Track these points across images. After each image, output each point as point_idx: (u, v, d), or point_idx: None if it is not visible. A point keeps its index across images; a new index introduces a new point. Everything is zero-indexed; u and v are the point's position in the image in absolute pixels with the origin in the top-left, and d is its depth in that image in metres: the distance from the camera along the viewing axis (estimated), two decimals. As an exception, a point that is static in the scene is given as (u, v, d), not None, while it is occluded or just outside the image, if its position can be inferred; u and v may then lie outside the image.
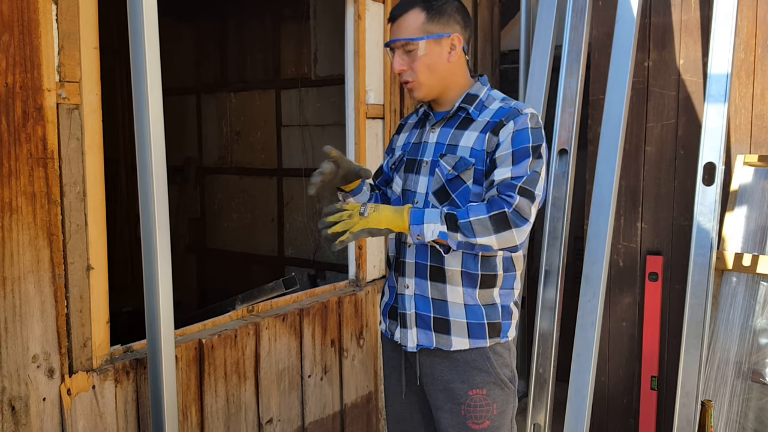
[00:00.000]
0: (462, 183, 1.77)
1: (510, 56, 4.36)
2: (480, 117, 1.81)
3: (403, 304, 1.88)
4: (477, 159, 1.76)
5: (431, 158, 1.84)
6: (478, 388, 1.81)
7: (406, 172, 1.91)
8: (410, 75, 1.81)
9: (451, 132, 1.83)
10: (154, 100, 1.77)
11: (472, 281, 1.79)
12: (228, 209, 4.93)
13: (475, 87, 1.87)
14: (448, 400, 1.84)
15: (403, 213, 1.70)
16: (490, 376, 1.82)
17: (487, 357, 1.81)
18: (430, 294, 1.83)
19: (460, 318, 1.80)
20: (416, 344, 1.85)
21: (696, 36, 3.14)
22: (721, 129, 2.85)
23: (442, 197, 1.80)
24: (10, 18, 1.61)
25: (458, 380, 1.82)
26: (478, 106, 1.83)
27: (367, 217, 1.69)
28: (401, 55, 1.80)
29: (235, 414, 2.31)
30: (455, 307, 1.80)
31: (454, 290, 1.80)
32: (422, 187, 1.85)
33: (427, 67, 1.79)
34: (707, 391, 2.92)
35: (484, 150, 1.76)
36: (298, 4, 4.24)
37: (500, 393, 1.83)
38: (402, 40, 1.78)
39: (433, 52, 1.79)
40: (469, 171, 1.76)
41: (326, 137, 4.27)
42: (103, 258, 1.85)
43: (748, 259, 2.87)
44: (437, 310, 1.82)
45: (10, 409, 1.66)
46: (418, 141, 1.92)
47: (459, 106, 1.84)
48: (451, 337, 1.81)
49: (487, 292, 1.81)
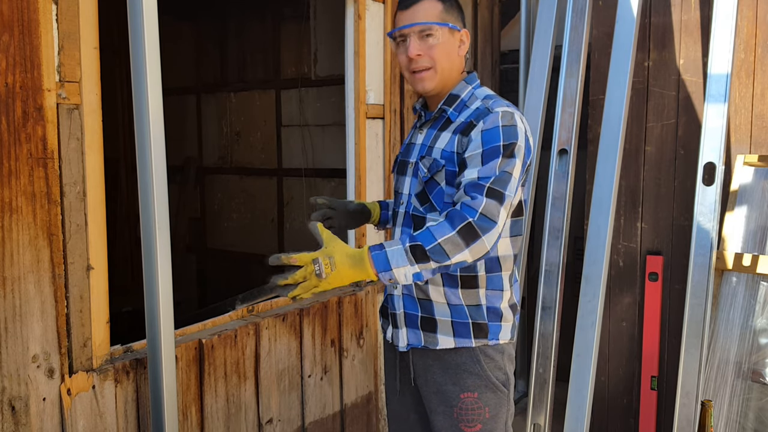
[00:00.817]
0: (436, 184, 1.76)
1: (510, 56, 4.36)
2: (459, 118, 1.78)
3: (393, 304, 1.89)
4: (447, 160, 1.74)
5: (415, 159, 1.85)
6: (470, 391, 1.79)
7: (398, 174, 1.93)
8: (427, 61, 1.75)
9: (433, 133, 1.83)
10: (154, 100, 1.77)
11: (452, 281, 1.78)
12: (228, 209, 4.93)
13: (458, 87, 1.83)
14: (441, 403, 1.83)
15: (364, 262, 1.56)
16: (481, 379, 1.80)
17: (477, 360, 1.80)
18: (416, 294, 1.83)
19: (446, 317, 1.80)
20: (406, 343, 1.87)
21: (696, 36, 3.14)
22: (721, 129, 2.85)
23: (423, 199, 1.80)
24: (10, 18, 1.61)
25: (450, 383, 1.81)
26: (458, 107, 1.81)
27: (326, 279, 1.54)
28: (417, 40, 1.74)
29: (235, 414, 2.31)
30: (440, 306, 1.80)
31: (436, 290, 1.80)
32: (407, 188, 1.86)
33: (446, 55, 1.77)
34: (707, 391, 2.92)
35: (454, 151, 1.73)
36: (298, 4, 4.24)
37: (492, 396, 1.81)
38: (423, 24, 1.73)
39: (449, 41, 1.77)
40: (440, 172, 1.75)
41: (326, 137, 4.27)
42: (103, 258, 1.85)
43: (748, 259, 2.87)
44: (424, 310, 1.82)
45: (10, 409, 1.66)
46: (410, 142, 1.93)
47: (440, 107, 1.82)
48: (438, 336, 1.81)
49: (472, 292, 1.79)
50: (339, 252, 1.57)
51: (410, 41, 1.75)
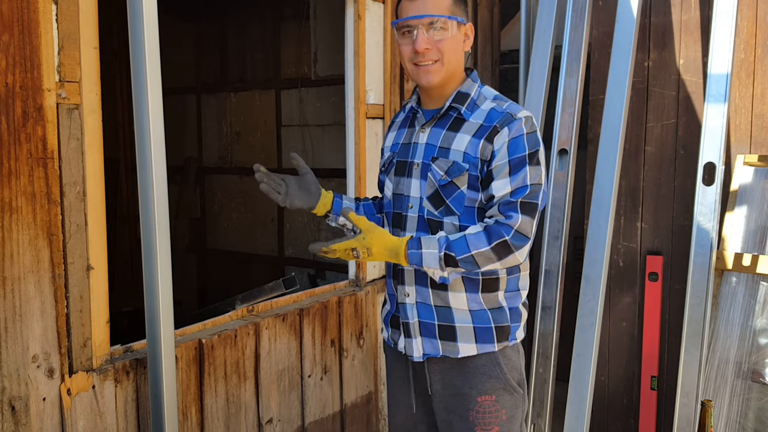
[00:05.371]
0: (456, 188, 1.71)
1: (510, 56, 4.37)
2: (472, 118, 1.73)
3: (405, 313, 1.81)
4: (470, 165, 1.69)
5: (422, 160, 1.76)
6: (487, 394, 1.76)
7: (397, 175, 1.83)
8: (435, 54, 1.69)
9: (442, 133, 1.75)
10: (154, 100, 1.77)
11: (474, 285, 1.74)
12: (228, 209, 4.93)
13: (466, 85, 1.78)
14: (458, 405, 1.79)
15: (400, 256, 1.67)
16: (500, 382, 1.77)
17: (497, 362, 1.77)
18: (432, 302, 1.77)
19: (466, 323, 1.75)
20: (422, 353, 1.80)
21: (696, 36, 3.14)
22: (721, 129, 2.85)
23: (437, 202, 1.74)
24: (10, 18, 1.61)
25: (467, 386, 1.78)
26: (469, 105, 1.75)
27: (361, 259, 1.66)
28: (426, 32, 1.68)
29: (235, 414, 2.31)
30: (460, 313, 1.75)
31: (457, 296, 1.75)
32: (415, 191, 1.78)
33: (454, 49, 1.71)
34: (707, 391, 2.92)
35: (478, 157, 1.69)
36: (298, 4, 4.24)
37: (509, 398, 1.79)
38: (434, 16, 1.66)
39: (457, 35, 1.71)
40: (463, 176, 1.70)
41: (326, 137, 4.27)
42: (103, 258, 1.85)
43: (748, 259, 2.87)
44: (441, 317, 1.76)
45: (10, 409, 1.66)
46: (407, 141, 1.83)
47: (450, 105, 1.76)
48: (458, 344, 1.76)
49: (492, 295, 1.76)
50: (377, 244, 1.66)
51: (418, 33, 1.68)
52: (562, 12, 3.32)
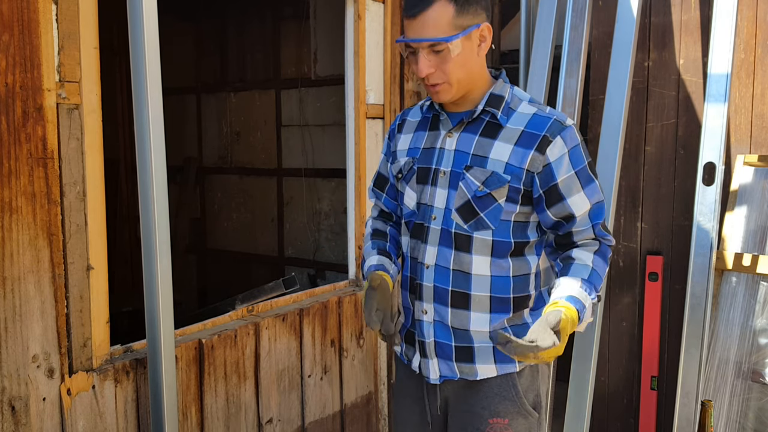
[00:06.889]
0: (493, 201, 1.57)
1: (510, 56, 4.37)
2: (509, 123, 1.59)
3: (422, 331, 1.69)
4: (513, 176, 1.56)
5: (450, 168, 1.61)
6: (500, 417, 1.66)
7: (420, 183, 1.67)
8: (440, 77, 1.56)
9: (475, 139, 1.61)
10: (154, 100, 1.77)
11: (504, 306, 1.63)
12: (228, 209, 4.93)
13: (498, 86, 1.63)
14: (469, 424, 1.69)
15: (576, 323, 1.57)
16: (514, 405, 1.67)
17: (513, 383, 1.67)
18: (450, 322, 1.65)
19: (485, 343, 1.64)
20: (439, 375, 1.69)
21: (696, 36, 3.14)
22: (721, 129, 2.85)
23: (468, 215, 1.60)
24: (10, 18, 1.61)
25: (479, 405, 1.68)
26: (504, 109, 1.61)
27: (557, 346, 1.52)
28: (427, 55, 1.54)
29: (235, 414, 2.31)
30: (478, 334, 1.64)
31: (479, 318, 1.63)
32: (440, 201, 1.63)
33: (461, 66, 1.56)
34: (707, 391, 2.91)
35: (524, 168, 1.55)
36: (298, 4, 4.24)
37: (523, 422, 1.68)
38: (430, 41, 1.52)
39: (465, 49, 1.55)
40: (503, 189, 1.56)
41: (326, 137, 4.27)
42: (103, 258, 1.85)
43: (748, 259, 2.87)
44: (459, 339, 1.65)
45: (10, 409, 1.66)
46: (430, 146, 1.67)
47: (483, 109, 1.61)
48: (476, 366, 1.66)
49: (518, 314, 1.66)
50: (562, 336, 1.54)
51: (420, 57, 1.56)
52: (562, 12, 3.31)
